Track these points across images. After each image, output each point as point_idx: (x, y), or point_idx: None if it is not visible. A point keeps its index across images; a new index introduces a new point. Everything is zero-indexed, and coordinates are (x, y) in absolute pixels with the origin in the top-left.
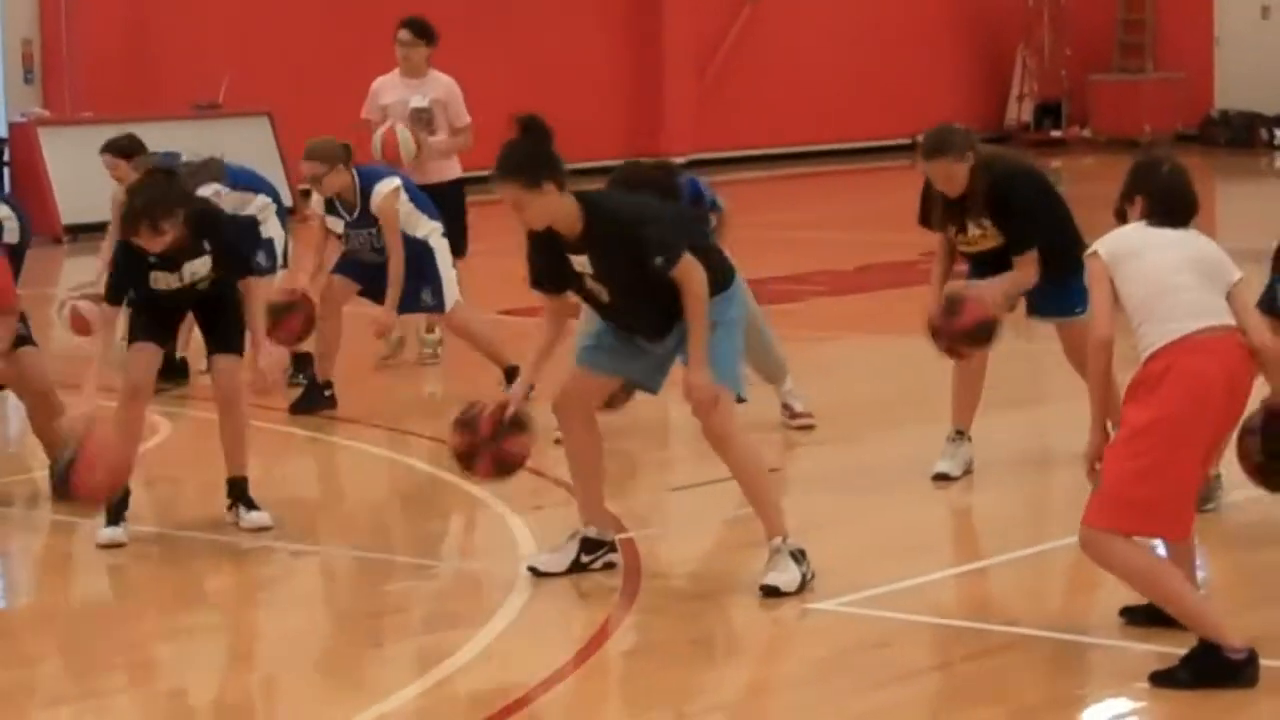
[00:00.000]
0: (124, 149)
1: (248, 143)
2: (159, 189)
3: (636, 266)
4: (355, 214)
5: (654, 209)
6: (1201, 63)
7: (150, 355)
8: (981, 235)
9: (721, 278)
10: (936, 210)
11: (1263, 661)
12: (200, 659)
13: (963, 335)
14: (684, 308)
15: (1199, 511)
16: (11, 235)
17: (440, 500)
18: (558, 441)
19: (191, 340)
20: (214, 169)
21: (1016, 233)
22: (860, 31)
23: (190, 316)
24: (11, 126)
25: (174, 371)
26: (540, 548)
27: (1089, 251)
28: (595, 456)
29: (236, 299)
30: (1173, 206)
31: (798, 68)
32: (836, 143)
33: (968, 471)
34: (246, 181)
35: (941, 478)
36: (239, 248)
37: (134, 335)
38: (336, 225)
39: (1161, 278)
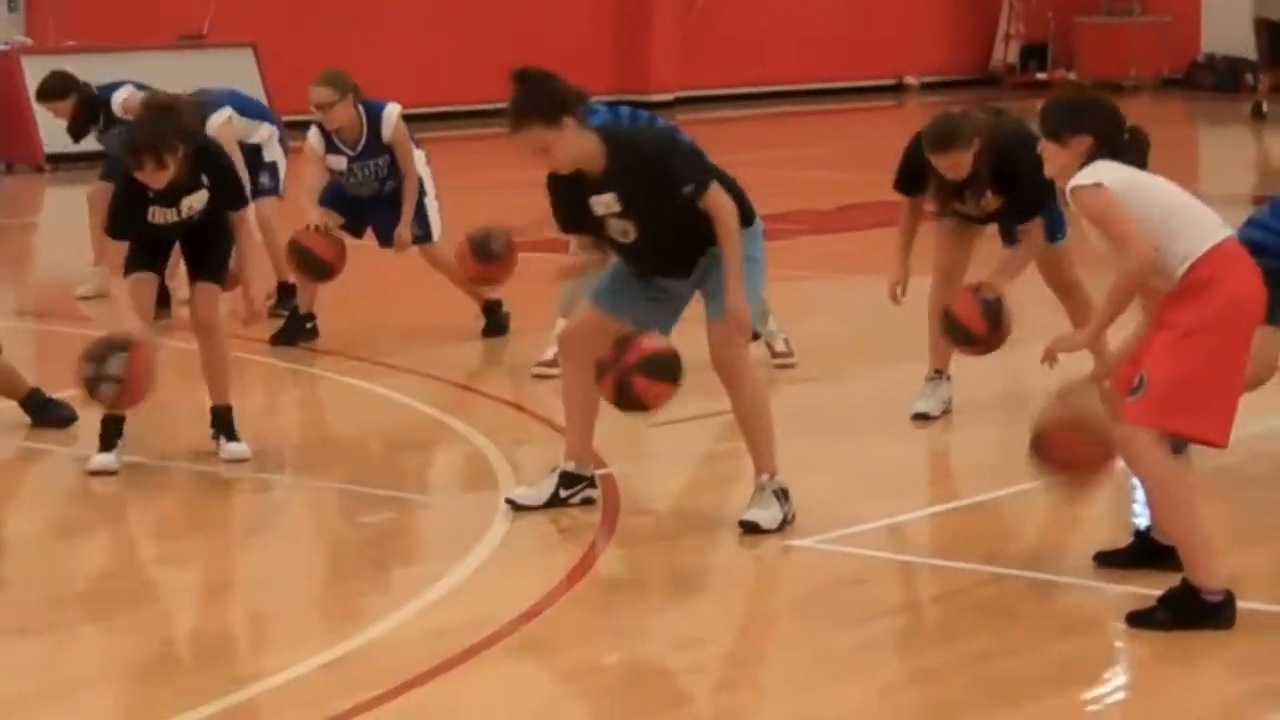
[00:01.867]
0: (55, 92)
1: (232, 74)
2: (162, 123)
3: (665, 198)
4: (360, 147)
5: (676, 139)
6: (1188, 7)
7: (150, 285)
8: (988, 204)
9: (746, 213)
10: (935, 190)
11: (1240, 603)
12: (177, 590)
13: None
14: (717, 235)
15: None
16: None
17: (420, 433)
18: (537, 376)
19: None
20: (208, 100)
21: (1022, 203)
22: None
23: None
24: None
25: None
26: (519, 481)
27: (1088, 185)
28: (593, 395)
29: (224, 228)
30: (1138, 164)
31: (784, 7)
32: (822, 82)
33: (946, 411)
34: (254, 110)
35: (921, 417)
36: (236, 181)
37: (130, 267)
38: (339, 162)
39: (1175, 197)
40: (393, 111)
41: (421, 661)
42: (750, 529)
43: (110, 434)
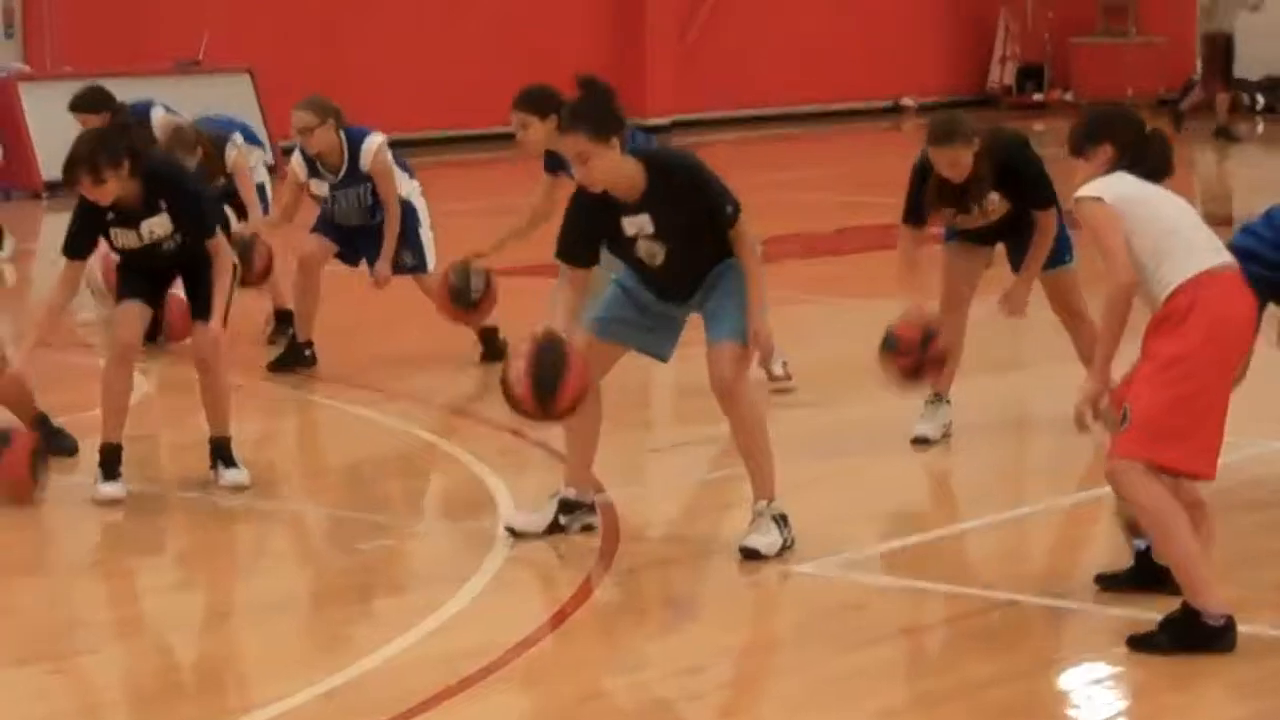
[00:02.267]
0: (90, 105)
1: (229, 100)
2: (105, 138)
3: (701, 219)
4: (340, 174)
5: (703, 163)
6: (1184, 27)
7: (137, 314)
8: (992, 209)
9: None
10: (935, 195)
11: (1240, 627)
12: (175, 618)
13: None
14: (743, 259)
15: None
16: None
17: (418, 460)
18: None
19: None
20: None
21: (1033, 196)
22: None
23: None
24: None
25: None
26: (518, 508)
27: (1088, 197)
28: (594, 423)
29: (208, 262)
30: (1150, 162)
31: (779, 29)
32: (817, 105)
33: (946, 435)
34: (251, 136)
35: (920, 441)
36: (196, 210)
37: (121, 294)
38: (321, 188)
39: (1175, 217)
40: (373, 143)
41: (419, 690)
42: (750, 555)
43: (111, 462)
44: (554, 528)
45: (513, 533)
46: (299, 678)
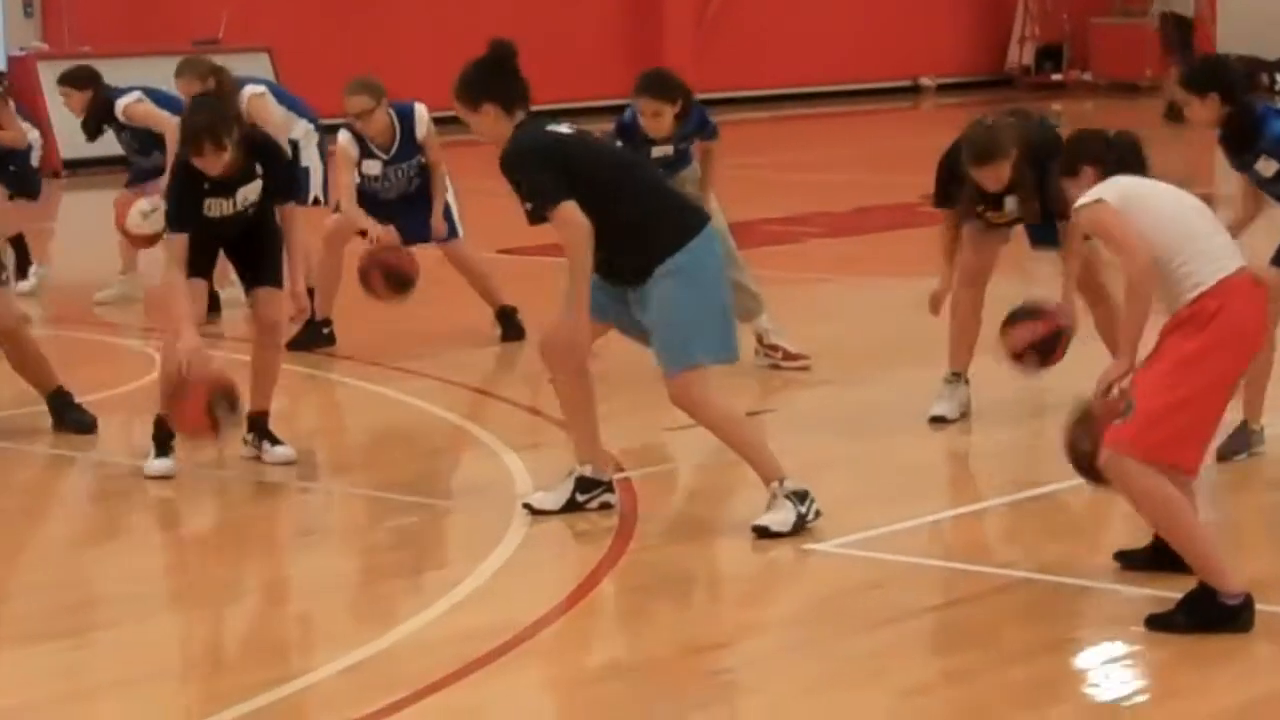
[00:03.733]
0: (75, 79)
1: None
2: (218, 107)
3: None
4: (393, 150)
5: (550, 153)
6: (1203, 7)
7: (199, 290)
8: (1027, 209)
9: (677, 233)
10: (969, 196)
11: (1259, 606)
12: (199, 596)
13: (1034, 346)
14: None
15: (1234, 459)
16: (37, 158)
17: (437, 438)
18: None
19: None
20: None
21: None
22: None
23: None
24: (11, 60)
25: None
26: (536, 486)
27: (1088, 202)
28: (585, 397)
29: (274, 229)
30: (1129, 166)
31: (798, 9)
32: (836, 84)
33: (964, 414)
34: (291, 105)
35: (938, 420)
36: (291, 171)
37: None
38: (373, 167)
39: (1191, 218)
40: (423, 111)
41: (440, 666)
42: (763, 533)
43: (165, 438)
44: (571, 505)
45: (531, 510)
46: (322, 653)
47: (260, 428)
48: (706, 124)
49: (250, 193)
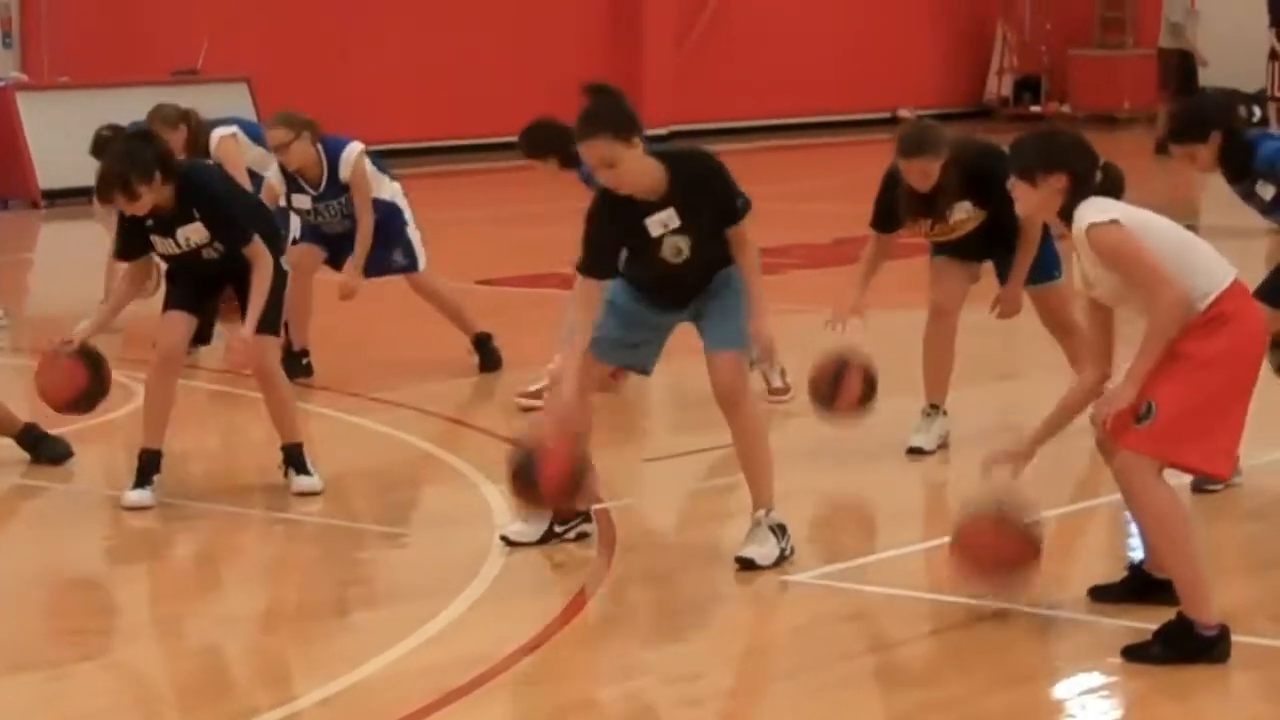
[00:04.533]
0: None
1: (227, 109)
2: (134, 152)
3: (717, 209)
4: (322, 186)
5: (714, 154)
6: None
7: (180, 323)
8: (965, 219)
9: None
10: (904, 206)
11: (1234, 637)
12: (172, 627)
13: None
14: (743, 259)
15: (1210, 489)
16: None
17: (414, 469)
18: (523, 409)
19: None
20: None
21: (1007, 201)
22: (840, 3)
23: None
24: None
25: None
26: (514, 517)
27: (1104, 222)
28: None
29: (270, 273)
30: (1113, 186)
31: (777, 40)
32: (815, 115)
33: (943, 445)
34: (263, 142)
35: (915, 451)
36: (228, 215)
37: (166, 304)
38: (303, 202)
39: (1182, 233)
40: (351, 152)
41: (416, 699)
42: (746, 565)
43: (147, 469)
44: (549, 536)
45: (508, 542)
46: (296, 685)
47: (291, 459)
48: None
49: (192, 234)
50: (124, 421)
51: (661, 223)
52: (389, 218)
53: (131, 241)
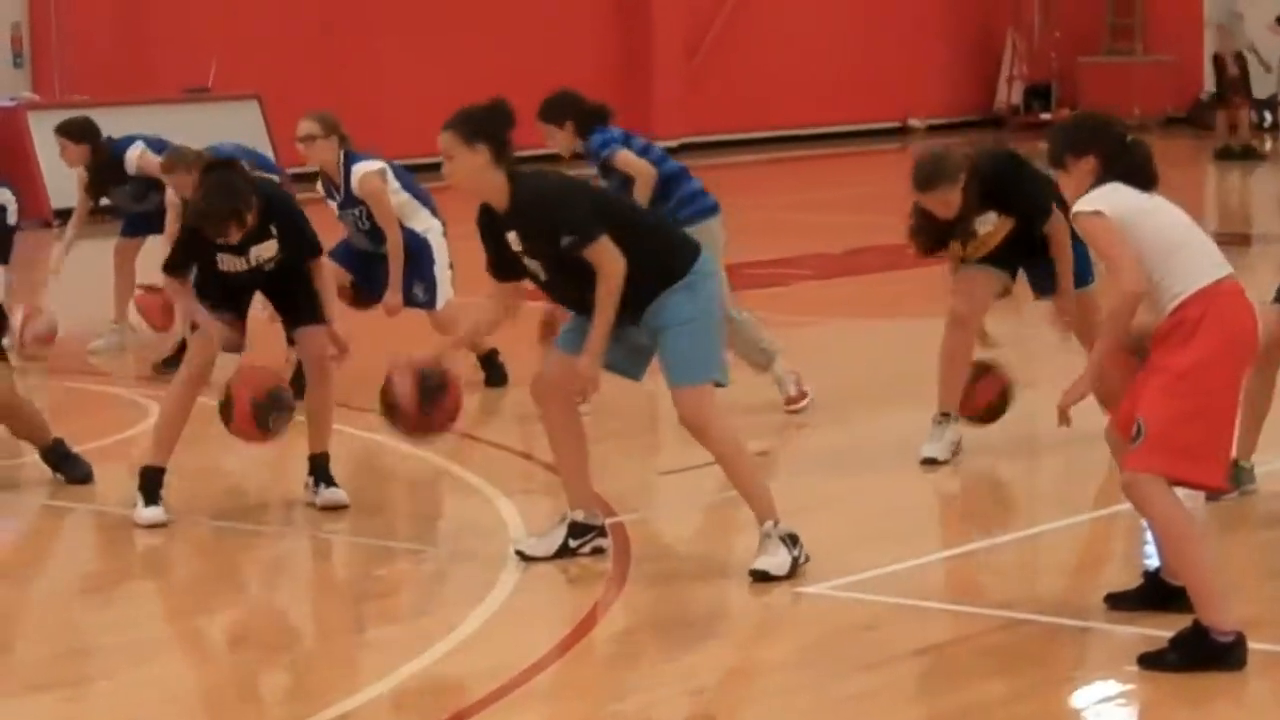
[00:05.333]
0: (73, 132)
1: (237, 126)
2: (235, 187)
3: (552, 243)
4: (341, 195)
5: (581, 189)
6: (1191, 45)
7: (211, 343)
8: (992, 231)
9: (684, 261)
10: (928, 235)
11: (1251, 644)
12: (188, 644)
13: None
14: (597, 290)
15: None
16: (13, 217)
17: (429, 484)
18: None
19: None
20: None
21: (1028, 205)
22: (850, 13)
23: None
24: (1, 110)
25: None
26: (528, 532)
27: (1088, 211)
28: (576, 440)
29: (305, 270)
30: (1148, 176)
31: (787, 51)
32: (826, 126)
33: (955, 454)
34: (260, 164)
35: (929, 461)
36: (304, 229)
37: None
38: (333, 208)
39: (1179, 232)
40: (363, 167)
41: (432, 714)
42: (760, 578)
43: (154, 486)
44: (563, 551)
45: (523, 556)
46: (313, 702)
47: (317, 469)
48: (591, 151)
49: (264, 250)
50: (138, 440)
51: (512, 240)
52: (418, 252)
53: (185, 262)
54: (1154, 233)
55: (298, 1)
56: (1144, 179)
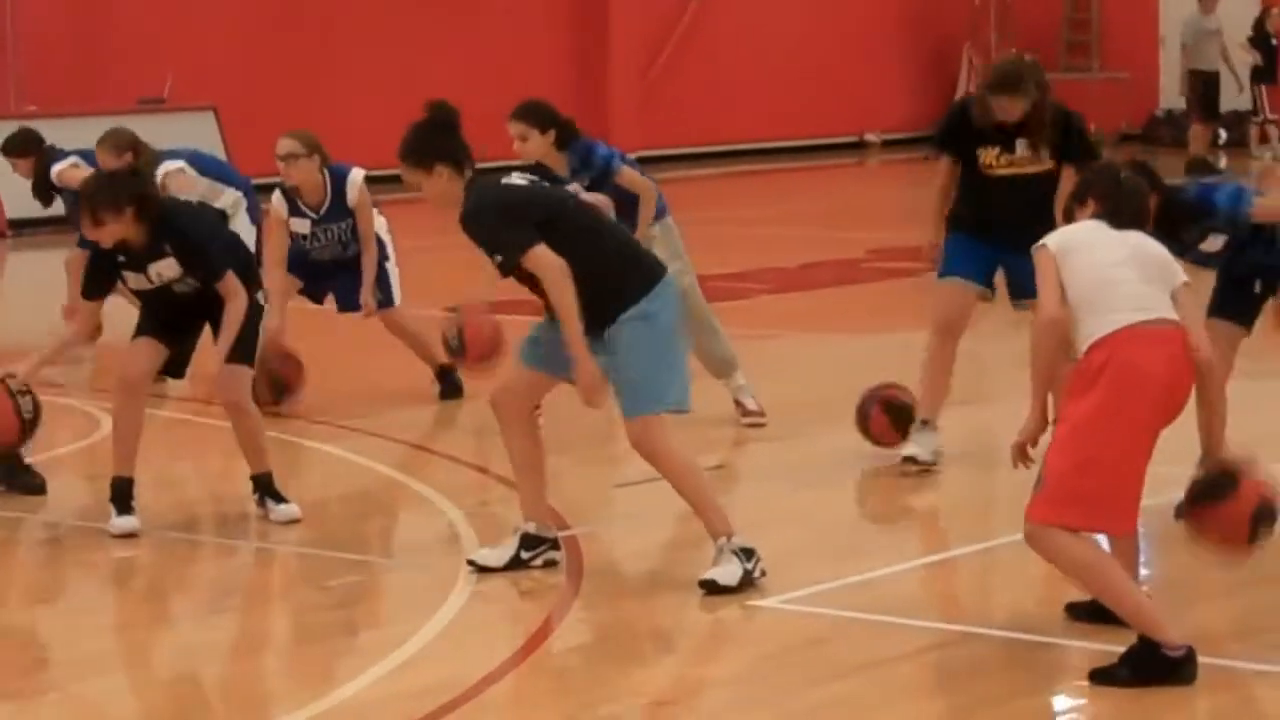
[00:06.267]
0: (16, 147)
1: (193, 137)
2: (111, 182)
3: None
4: (323, 210)
5: (512, 204)
6: (1147, 62)
7: (146, 351)
8: (1029, 159)
9: (643, 279)
10: (981, 127)
11: (1201, 659)
12: (142, 656)
13: None
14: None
15: None
16: None
17: (382, 496)
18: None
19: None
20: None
21: (1081, 150)
22: (806, 29)
23: None
24: None
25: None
26: (482, 544)
27: (1038, 245)
28: (534, 452)
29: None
30: (1122, 211)
31: (743, 65)
32: (782, 140)
33: (937, 458)
34: (217, 172)
35: (909, 460)
36: (200, 250)
37: (136, 331)
38: (301, 225)
39: (1104, 271)
40: (358, 175)
41: None
42: (710, 588)
43: (124, 496)
44: (516, 563)
45: (475, 568)
46: (265, 712)
47: (262, 488)
48: (592, 162)
49: (164, 269)
50: (92, 451)
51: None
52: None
53: (99, 279)
54: (1085, 269)
55: (254, 12)
56: (1132, 220)
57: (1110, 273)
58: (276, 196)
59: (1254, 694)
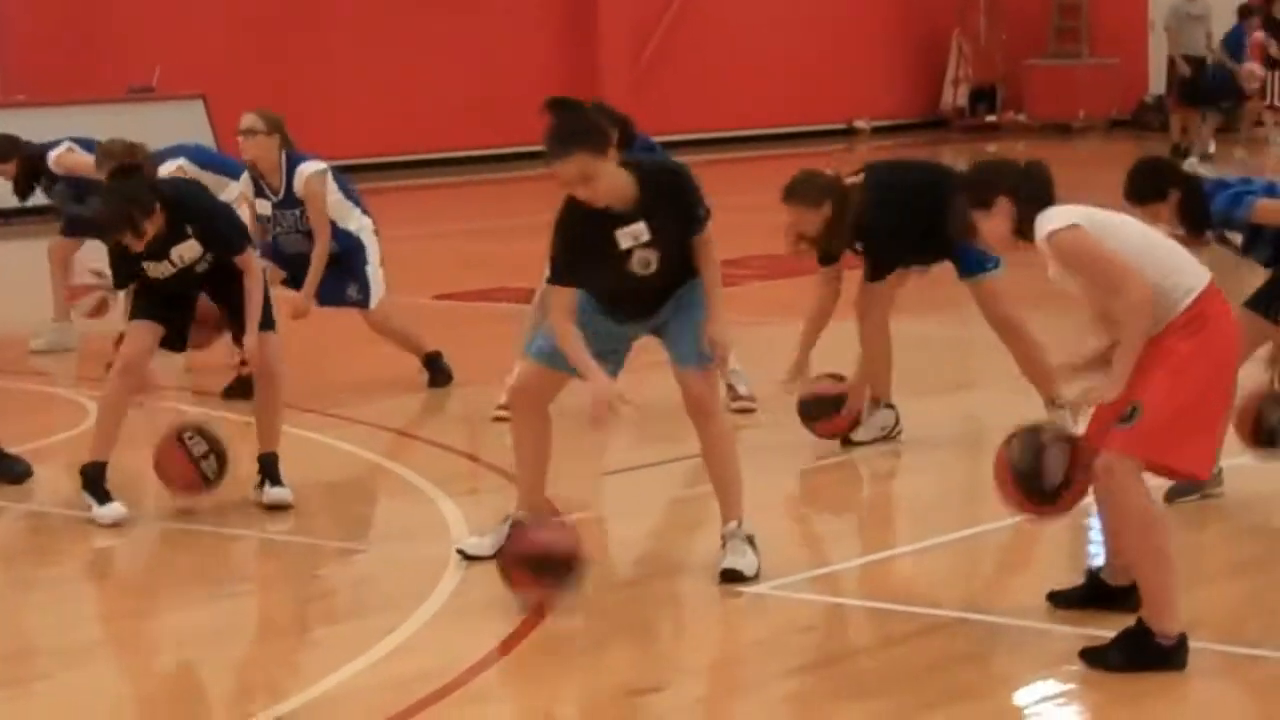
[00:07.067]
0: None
1: (182, 126)
2: (132, 193)
3: (685, 223)
4: (280, 194)
5: (685, 166)
6: (1136, 48)
7: (145, 333)
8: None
9: None
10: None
11: (1192, 644)
12: (129, 644)
13: None
14: (706, 266)
15: (1182, 500)
16: None
17: (371, 484)
18: (497, 419)
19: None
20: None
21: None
22: (795, 15)
23: None
24: None
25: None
26: (471, 532)
27: (1062, 228)
28: (545, 448)
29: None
30: (1042, 192)
31: (733, 52)
32: (771, 128)
33: (887, 437)
34: (217, 165)
35: (847, 443)
36: (224, 227)
37: (133, 313)
38: (264, 207)
39: (1149, 234)
40: (307, 168)
41: (374, 714)
42: (732, 578)
43: (98, 481)
44: None
45: (465, 556)
46: (254, 702)
47: (266, 469)
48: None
49: (186, 251)
50: (79, 440)
51: (632, 235)
52: (351, 251)
53: (127, 270)
54: (1135, 237)
55: (243, 1)
56: (1046, 197)
57: (1154, 235)
58: (244, 176)
59: (1245, 679)
